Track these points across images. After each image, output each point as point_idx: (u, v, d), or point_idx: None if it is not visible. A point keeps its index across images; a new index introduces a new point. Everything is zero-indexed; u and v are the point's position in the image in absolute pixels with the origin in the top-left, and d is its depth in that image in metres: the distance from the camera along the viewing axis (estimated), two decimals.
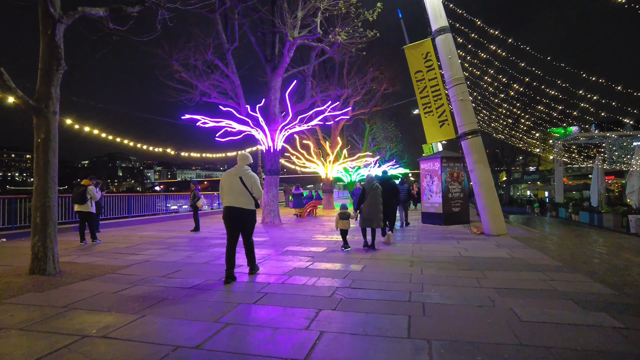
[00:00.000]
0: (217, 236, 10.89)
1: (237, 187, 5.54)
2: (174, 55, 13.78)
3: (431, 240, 10.02)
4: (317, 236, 10.86)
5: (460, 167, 14.38)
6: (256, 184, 5.65)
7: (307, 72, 16.82)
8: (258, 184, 5.70)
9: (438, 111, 11.30)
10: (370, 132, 33.14)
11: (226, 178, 5.67)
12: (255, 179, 5.67)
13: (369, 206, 8.39)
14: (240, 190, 5.53)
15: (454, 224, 13.98)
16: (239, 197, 5.53)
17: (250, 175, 5.65)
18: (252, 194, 5.60)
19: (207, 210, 21.07)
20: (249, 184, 5.57)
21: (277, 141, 14.97)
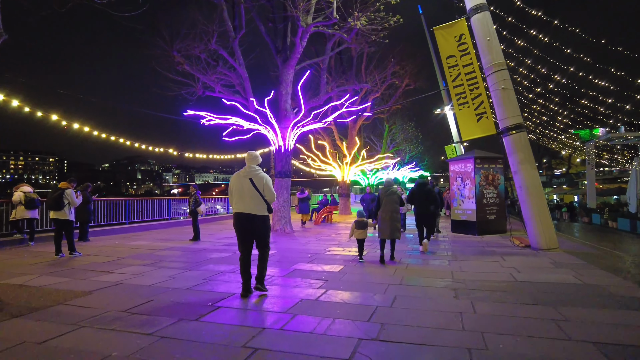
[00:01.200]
0: (217, 248, 9.45)
1: (247, 190, 5.00)
2: (175, 45, 12.48)
3: (469, 255, 8.35)
4: (332, 249, 9.30)
5: (496, 169, 12.64)
6: (268, 185, 5.10)
7: (322, 65, 15.32)
8: (271, 185, 5.15)
9: (475, 102, 9.63)
10: (389, 133, 31.44)
11: (235, 181, 5.13)
12: (267, 180, 5.11)
13: (383, 214, 7.51)
14: (251, 193, 4.99)
15: (489, 234, 12.24)
16: (250, 201, 4.97)
17: (261, 177, 5.09)
18: (264, 198, 5.04)
19: (222, 214, 19.75)
20: (260, 186, 5.02)
21: (288, 140, 13.51)
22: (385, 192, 7.58)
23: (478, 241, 10.76)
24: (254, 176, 5.07)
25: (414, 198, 9.25)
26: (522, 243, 9.77)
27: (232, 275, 6.24)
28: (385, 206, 7.47)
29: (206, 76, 12.65)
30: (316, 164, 22.96)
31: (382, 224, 7.51)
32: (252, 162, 5.21)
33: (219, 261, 7.57)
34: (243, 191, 5.01)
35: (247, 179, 5.05)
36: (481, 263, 7.41)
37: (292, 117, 13.44)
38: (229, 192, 5.22)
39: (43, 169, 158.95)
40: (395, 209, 7.48)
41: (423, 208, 9.13)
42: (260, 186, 5.02)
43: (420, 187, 9.27)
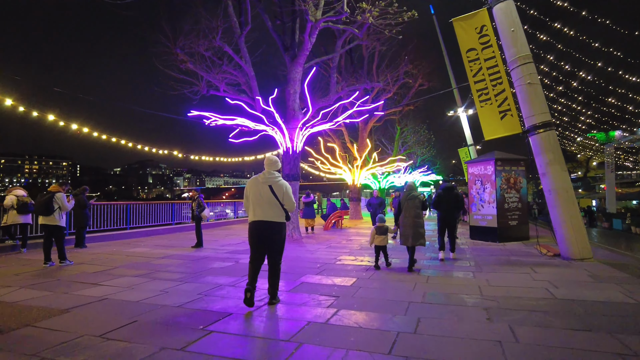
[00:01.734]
0: (219, 256, 8.80)
1: (266, 198, 4.69)
2: (178, 43, 11.94)
3: (494, 265, 7.57)
4: (344, 257, 8.59)
5: (518, 171, 11.81)
6: (289, 194, 4.82)
7: (332, 64, 14.66)
8: (291, 194, 4.86)
9: (498, 99, 8.86)
10: (401, 135, 30.64)
11: (252, 186, 4.79)
12: (287, 188, 4.83)
13: (405, 220, 7.15)
14: (270, 201, 4.68)
15: (511, 241, 11.41)
16: (268, 209, 4.66)
17: (281, 184, 4.79)
18: (284, 207, 4.76)
19: (230, 218, 19.16)
20: (279, 194, 4.72)
21: (296, 141, 12.85)
22: (407, 196, 7.18)
23: (500, 249, 9.96)
24: (273, 183, 4.74)
25: (440, 203, 8.54)
26: (550, 252, 8.94)
27: (232, 290, 5.57)
28: (407, 211, 7.07)
29: (210, 74, 12.08)
30: (326, 167, 22.27)
31: (404, 229, 7.10)
32: (271, 167, 4.87)
33: (219, 272, 6.91)
34: (261, 199, 4.68)
35: (266, 185, 4.72)
36: (510, 275, 6.63)
37: (300, 118, 12.80)
38: (245, 198, 4.86)
39: (56, 173, 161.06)
40: (417, 214, 7.07)
41: (449, 214, 8.51)
42: (280, 194, 4.72)
43: (447, 192, 8.57)
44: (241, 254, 9.12)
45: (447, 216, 8.51)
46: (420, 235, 7.03)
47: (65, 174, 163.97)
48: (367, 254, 9.04)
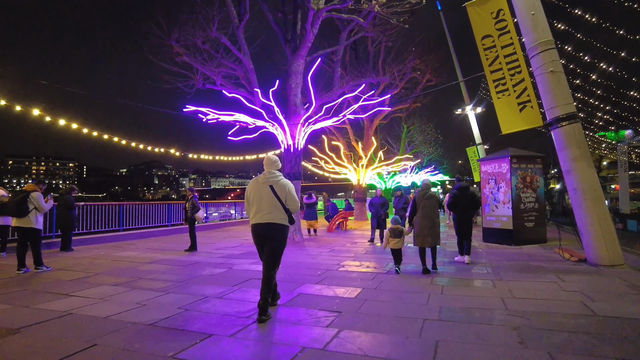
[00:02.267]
0: (212, 262, 8.10)
1: (267, 199, 4.46)
2: (173, 34, 11.29)
3: (514, 272, 6.79)
4: (347, 263, 7.85)
5: (535, 169, 11.01)
6: (291, 194, 4.54)
7: (335, 57, 13.93)
8: (294, 193, 4.59)
9: (516, 90, 8.07)
10: (407, 134, 29.84)
11: (253, 187, 4.58)
12: (290, 188, 4.58)
13: (422, 220, 6.86)
14: (271, 202, 4.45)
15: (527, 244, 10.62)
16: (270, 210, 4.42)
17: (283, 184, 4.54)
18: (287, 207, 4.50)
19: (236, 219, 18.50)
20: (282, 195, 4.48)
21: (298, 138, 12.14)
22: (423, 196, 6.91)
23: (517, 253, 9.17)
24: (274, 183, 4.50)
25: (457, 204, 7.91)
26: (573, 256, 8.14)
27: (217, 303, 4.85)
28: (425, 211, 6.83)
29: (206, 67, 11.40)
30: (330, 167, 21.55)
31: (420, 230, 6.85)
32: (271, 166, 4.64)
33: (208, 280, 6.21)
34: (262, 200, 4.45)
35: (267, 186, 4.50)
36: (534, 284, 5.86)
37: (302, 113, 12.09)
38: (246, 201, 4.64)
39: (63, 174, 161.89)
40: (436, 214, 6.88)
41: (466, 215, 7.92)
42: (282, 194, 4.47)
43: (463, 191, 7.97)
44: (236, 258, 8.42)
45: (465, 217, 7.93)
46: (436, 235, 6.87)
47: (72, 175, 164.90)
48: (373, 259, 8.30)
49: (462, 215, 7.94)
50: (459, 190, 7.98)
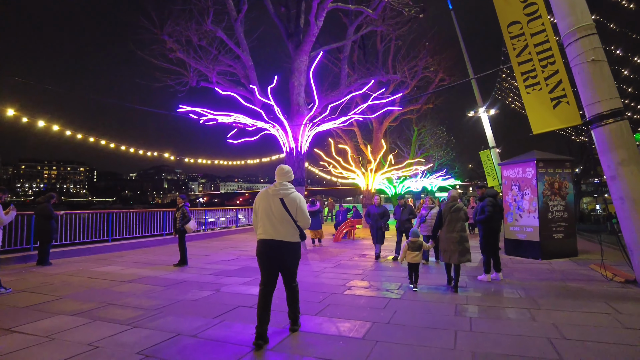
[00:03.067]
0: (200, 280, 7.13)
1: (277, 213, 4.12)
2: (165, 29, 10.42)
3: (553, 297, 5.70)
4: (355, 283, 6.82)
5: (563, 175, 9.88)
6: (302, 208, 4.23)
7: (342, 54, 12.95)
8: (305, 208, 4.30)
9: (549, 83, 7.00)
10: (418, 137, 28.73)
11: (262, 199, 4.25)
12: (301, 202, 4.24)
13: (449, 234, 6.40)
14: (282, 216, 4.11)
15: (556, 258, 9.48)
16: (280, 226, 4.09)
17: (294, 198, 4.20)
18: (297, 222, 4.17)
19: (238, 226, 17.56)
20: (292, 209, 4.15)
21: (301, 140, 11.18)
22: (450, 208, 6.46)
23: (548, 269, 8.06)
24: (285, 196, 4.19)
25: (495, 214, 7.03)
26: (618, 276, 7.01)
27: (189, 345, 3.86)
28: (452, 224, 6.38)
29: (200, 63, 10.49)
30: (337, 171, 20.53)
31: (447, 245, 6.36)
32: (283, 178, 4.29)
33: (187, 308, 5.22)
34: (272, 213, 4.14)
35: (278, 198, 4.17)
36: (583, 316, 4.78)
37: (305, 113, 11.13)
38: (254, 213, 4.33)
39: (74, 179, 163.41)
40: (463, 228, 6.39)
41: (497, 225, 7.24)
42: (292, 208, 4.16)
43: (495, 197, 7.29)
44: (228, 276, 7.44)
45: (497, 228, 7.15)
46: (467, 250, 6.27)
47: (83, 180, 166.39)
48: (384, 278, 7.25)
49: (497, 226, 7.13)
50: (494, 197, 7.09)
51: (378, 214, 9.38)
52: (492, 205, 6.94)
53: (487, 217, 6.92)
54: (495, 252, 7.09)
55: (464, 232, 6.38)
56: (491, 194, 7.18)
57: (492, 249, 7.06)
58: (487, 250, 7.06)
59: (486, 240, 7.04)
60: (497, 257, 7.11)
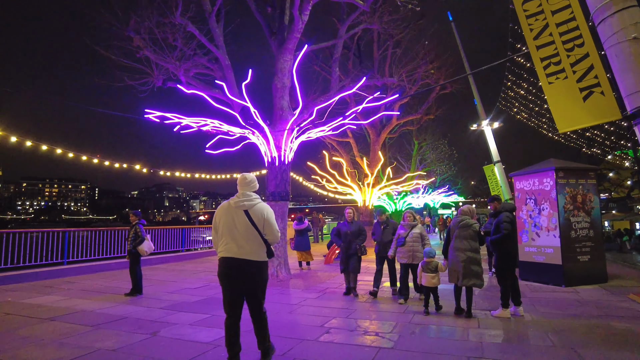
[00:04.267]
0: (146, 318, 5.68)
1: (241, 227, 3.60)
2: (131, 24, 9.22)
3: (599, 346, 4.22)
4: (336, 323, 5.35)
5: (587, 186, 8.49)
6: (270, 221, 3.72)
7: (333, 55, 11.72)
8: (273, 220, 3.78)
9: (577, 70, 5.67)
10: (419, 151, 27.40)
11: (223, 213, 3.71)
12: (269, 214, 3.74)
13: (455, 252, 5.66)
14: (246, 231, 3.59)
15: (582, 284, 8.01)
16: (244, 242, 3.56)
17: (260, 208, 3.70)
18: (264, 237, 3.66)
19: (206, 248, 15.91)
20: (259, 222, 3.65)
21: (285, 148, 9.85)
22: (458, 223, 5.71)
23: (576, 300, 6.58)
24: (250, 207, 3.66)
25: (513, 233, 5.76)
26: None
27: None
28: (459, 241, 5.63)
29: (168, 60, 9.23)
30: (332, 186, 19.16)
31: (453, 265, 5.67)
32: (246, 187, 3.79)
33: None
34: (235, 228, 3.60)
35: (241, 211, 3.66)
36: None
37: (290, 118, 9.83)
38: (213, 229, 3.78)
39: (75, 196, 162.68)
40: (473, 247, 5.57)
41: (516, 246, 6.23)
42: (259, 221, 3.64)
43: (512, 212, 6.04)
44: (182, 311, 6.00)
45: (516, 252, 6.14)
46: (473, 273, 5.45)
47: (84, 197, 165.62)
48: (375, 316, 5.78)
49: (510, 248, 5.75)
50: (512, 213, 5.77)
51: (351, 233, 7.01)
52: (510, 222, 5.56)
53: (504, 237, 5.53)
54: (514, 281, 5.66)
55: (474, 253, 5.55)
56: (508, 208, 5.81)
57: (511, 276, 5.64)
58: (504, 279, 5.63)
59: (503, 266, 5.64)
60: (517, 287, 5.68)
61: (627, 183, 56.39)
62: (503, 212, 5.78)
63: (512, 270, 5.66)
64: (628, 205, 53.07)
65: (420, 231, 6.54)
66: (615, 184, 55.67)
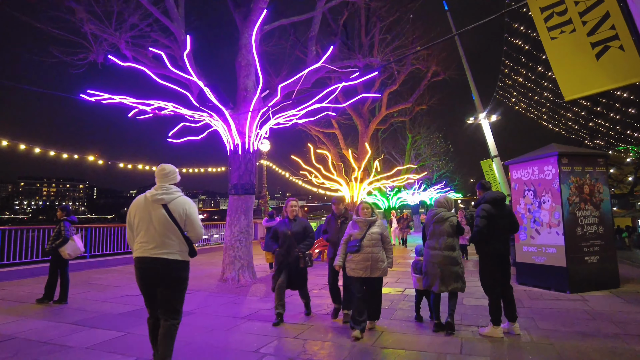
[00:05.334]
0: (39, 339, 4.48)
1: (158, 223, 3.24)
2: None
3: None
4: (279, 345, 4.16)
5: (595, 175, 7.30)
6: (192, 216, 3.34)
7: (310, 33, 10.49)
8: (195, 216, 3.37)
9: (587, 20, 4.43)
10: (413, 145, 26.18)
11: (138, 208, 3.31)
12: (190, 208, 3.35)
13: (431, 251, 4.64)
14: (165, 228, 3.24)
15: (591, 290, 6.82)
16: (162, 240, 3.21)
17: (180, 203, 3.33)
18: (186, 234, 3.34)
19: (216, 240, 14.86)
20: (179, 217, 3.29)
21: (249, 134, 8.64)
22: (433, 218, 4.72)
23: (586, 311, 5.38)
24: (169, 201, 3.28)
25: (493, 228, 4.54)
26: None
27: None
28: (435, 239, 4.64)
29: (110, 33, 7.97)
30: (319, 181, 17.95)
31: (430, 267, 4.66)
32: (164, 179, 3.37)
33: None
34: (150, 224, 3.23)
35: (159, 205, 3.25)
36: None
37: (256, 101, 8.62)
38: (128, 227, 3.38)
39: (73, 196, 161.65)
40: (450, 245, 4.54)
41: (504, 245, 4.58)
42: (179, 217, 3.27)
43: (499, 206, 4.63)
44: (93, 329, 4.79)
45: (503, 250, 4.57)
46: (453, 275, 4.50)
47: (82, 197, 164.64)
48: (330, 337, 4.58)
49: (499, 245, 4.54)
50: (494, 205, 4.48)
51: (292, 235, 5.12)
52: (488, 217, 4.38)
53: (480, 235, 4.39)
54: (507, 290, 4.47)
55: (452, 252, 4.54)
56: (489, 198, 4.59)
57: (502, 284, 4.45)
58: (491, 288, 4.45)
59: (486, 272, 4.50)
60: (511, 297, 4.48)
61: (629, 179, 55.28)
62: (480, 202, 4.63)
63: (501, 276, 4.46)
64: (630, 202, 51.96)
65: (381, 230, 4.62)
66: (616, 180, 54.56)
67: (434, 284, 4.58)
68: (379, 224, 4.68)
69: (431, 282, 4.62)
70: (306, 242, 5.19)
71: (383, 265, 4.49)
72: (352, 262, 4.49)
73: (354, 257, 4.48)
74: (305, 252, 5.06)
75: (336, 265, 4.68)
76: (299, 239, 5.13)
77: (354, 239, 4.54)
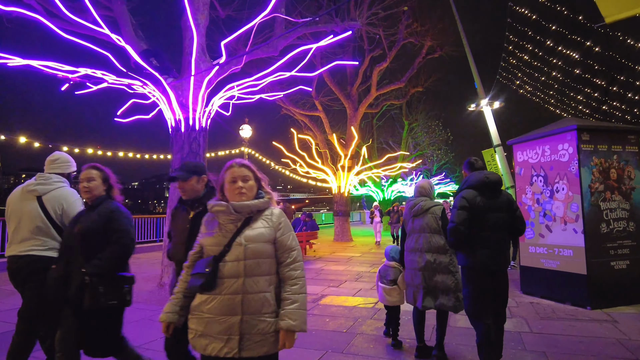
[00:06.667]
0: None
1: (29, 218, 2.76)
2: None
3: None
4: None
5: (625, 155, 5.72)
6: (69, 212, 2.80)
7: None
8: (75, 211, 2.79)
9: None
10: (410, 133, 24.52)
11: (13, 199, 2.91)
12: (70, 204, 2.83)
13: (411, 255, 3.53)
14: (33, 223, 2.75)
15: (619, 304, 5.32)
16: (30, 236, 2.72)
17: (57, 196, 2.83)
18: None
19: None
20: (54, 213, 2.79)
21: (194, 107, 7.07)
22: (412, 209, 3.56)
23: (616, 339, 3.89)
24: (43, 193, 2.80)
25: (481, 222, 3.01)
26: None
27: None
28: (413, 238, 3.52)
29: None
30: (304, 170, 16.42)
31: (411, 275, 3.49)
32: (49, 167, 2.97)
33: None
34: (22, 221, 2.76)
35: (32, 197, 2.79)
36: None
37: (210, 69, 7.06)
38: (6, 220, 2.93)
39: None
40: (436, 245, 3.34)
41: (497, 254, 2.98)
42: (54, 212, 2.77)
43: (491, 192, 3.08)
44: None
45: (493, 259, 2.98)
46: (440, 287, 3.27)
47: None
48: None
49: (488, 252, 2.99)
50: (481, 191, 2.93)
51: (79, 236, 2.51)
52: (467, 208, 2.85)
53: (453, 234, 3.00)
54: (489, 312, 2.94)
55: (439, 254, 3.34)
56: (476, 181, 3.05)
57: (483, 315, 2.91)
58: (476, 318, 2.93)
59: (469, 295, 2.97)
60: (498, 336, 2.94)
61: None
62: (462, 189, 3.12)
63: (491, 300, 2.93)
64: None
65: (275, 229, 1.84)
66: None
67: (417, 299, 3.44)
68: (275, 215, 1.97)
69: (413, 297, 3.48)
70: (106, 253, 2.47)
71: (270, 320, 1.79)
72: (196, 319, 1.83)
73: (200, 304, 1.82)
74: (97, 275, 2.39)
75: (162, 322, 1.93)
76: (91, 247, 2.47)
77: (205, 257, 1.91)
